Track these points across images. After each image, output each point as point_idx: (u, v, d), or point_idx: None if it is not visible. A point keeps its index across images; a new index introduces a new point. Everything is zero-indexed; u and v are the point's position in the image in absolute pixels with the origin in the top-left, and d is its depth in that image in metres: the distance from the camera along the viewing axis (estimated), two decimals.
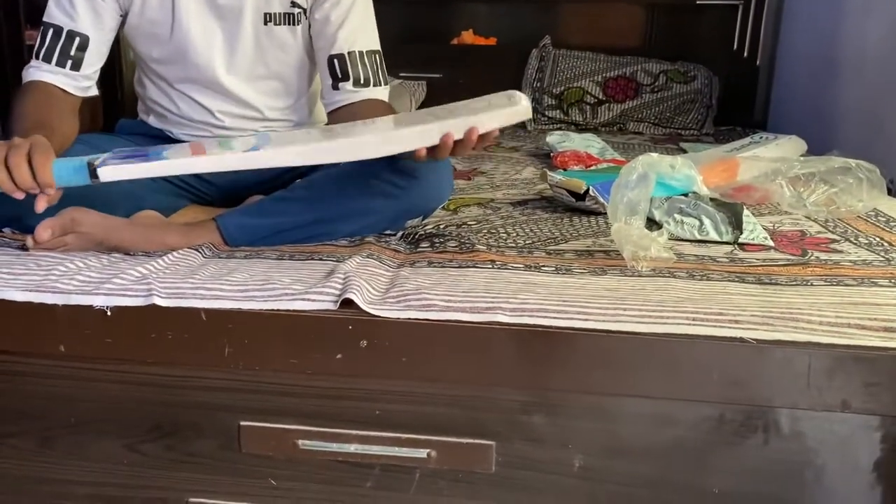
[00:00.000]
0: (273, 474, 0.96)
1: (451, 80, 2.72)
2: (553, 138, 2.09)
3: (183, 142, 1.35)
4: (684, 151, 2.10)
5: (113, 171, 1.02)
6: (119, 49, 2.60)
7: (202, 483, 0.97)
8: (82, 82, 1.28)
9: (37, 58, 1.26)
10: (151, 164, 1.03)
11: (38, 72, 1.26)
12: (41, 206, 1.03)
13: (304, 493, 0.96)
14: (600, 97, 2.60)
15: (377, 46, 1.34)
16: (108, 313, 0.91)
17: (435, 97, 2.63)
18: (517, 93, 1.13)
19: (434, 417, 0.92)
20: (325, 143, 1.09)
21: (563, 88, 2.62)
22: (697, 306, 0.89)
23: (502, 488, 0.93)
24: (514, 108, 1.09)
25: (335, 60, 1.31)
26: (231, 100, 1.34)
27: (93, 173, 1.02)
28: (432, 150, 1.06)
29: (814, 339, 0.84)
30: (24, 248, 1.08)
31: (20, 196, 1.02)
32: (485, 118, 1.07)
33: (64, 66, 1.26)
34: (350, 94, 1.31)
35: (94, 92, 1.32)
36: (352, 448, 0.94)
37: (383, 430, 0.93)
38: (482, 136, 1.06)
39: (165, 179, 1.33)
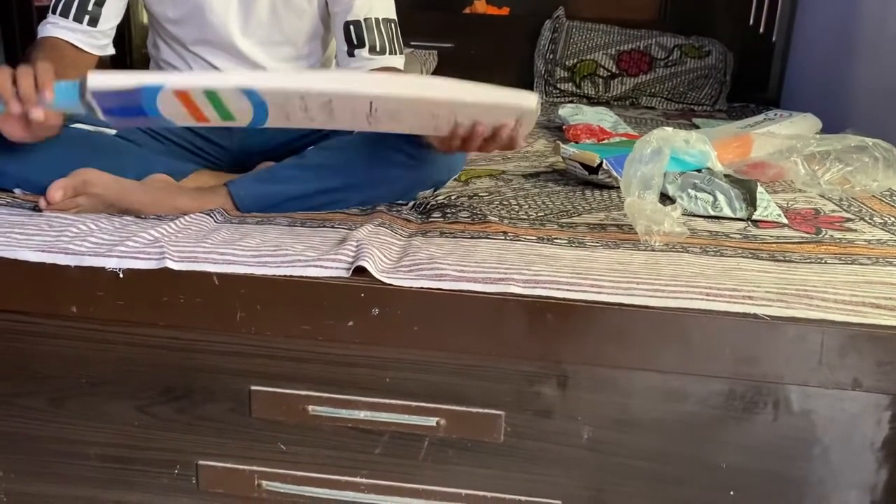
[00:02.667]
0: (282, 439, 0.97)
1: (463, 50, 2.70)
2: (565, 111, 2.07)
3: None
4: (697, 127, 2.08)
5: (102, 80, 0.96)
6: (129, 13, 2.58)
7: (212, 446, 0.98)
8: (100, 39, 1.27)
9: (53, 12, 1.25)
10: (141, 75, 0.97)
11: (55, 28, 1.24)
12: (37, 114, 0.98)
13: (313, 459, 0.97)
14: (613, 70, 2.57)
15: (393, 15, 1.33)
16: (121, 275, 0.91)
17: (446, 67, 2.61)
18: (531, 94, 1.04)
19: (444, 386, 0.93)
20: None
21: (575, 61, 2.60)
22: (711, 282, 0.89)
23: (510, 458, 0.94)
24: (524, 104, 1.00)
25: (351, 27, 1.29)
26: (244, 63, 1.33)
27: (82, 86, 0.97)
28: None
29: (828, 317, 0.84)
30: (35, 208, 1.08)
31: (16, 109, 0.98)
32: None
33: (81, 22, 1.24)
34: (366, 61, 1.29)
35: (111, 51, 1.30)
36: (361, 415, 0.94)
37: (393, 398, 0.93)
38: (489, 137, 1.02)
39: (177, 144, 1.33)
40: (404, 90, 0.99)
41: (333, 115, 1.00)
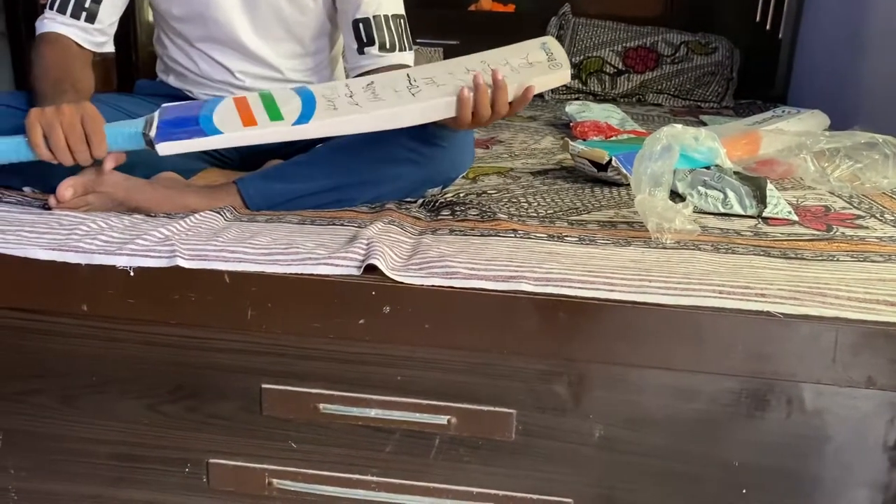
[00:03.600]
0: (293, 437, 0.97)
1: (469, 47, 2.67)
2: (572, 108, 2.07)
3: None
4: (704, 124, 2.08)
5: (170, 147, 1.05)
6: (133, 10, 2.58)
7: (222, 444, 0.98)
8: (97, 37, 1.27)
9: (51, 8, 1.24)
10: (207, 139, 1.05)
11: (53, 23, 1.24)
12: (108, 165, 1.07)
13: (324, 457, 0.97)
14: (620, 67, 2.56)
15: (402, 10, 1.32)
16: (131, 274, 0.91)
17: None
18: (555, 48, 1.13)
19: (455, 384, 0.92)
20: (367, 115, 1.06)
21: (582, 58, 2.59)
22: (723, 279, 0.89)
23: (522, 456, 0.94)
24: (557, 72, 1.10)
25: (360, 24, 1.29)
26: (251, 60, 1.33)
27: (148, 143, 1.05)
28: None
29: (841, 315, 0.83)
30: (45, 207, 1.07)
31: (71, 163, 1.04)
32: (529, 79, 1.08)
33: (78, 18, 1.24)
34: (376, 58, 1.29)
35: (110, 48, 1.30)
36: (372, 413, 0.94)
37: (404, 396, 0.93)
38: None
39: None
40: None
41: (376, 93, 1.08)
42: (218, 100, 1.10)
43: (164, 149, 1.04)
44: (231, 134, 1.05)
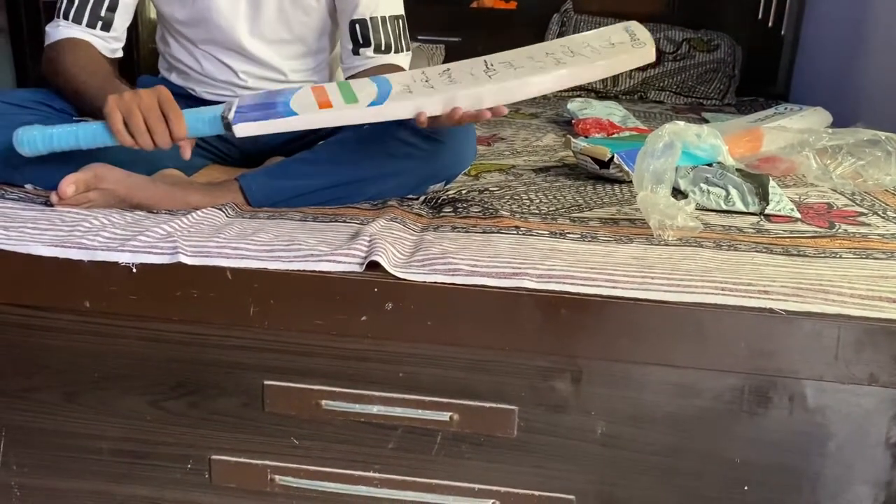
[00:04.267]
0: (295, 433, 0.97)
1: (470, 44, 2.68)
2: (574, 105, 2.07)
3: (203, 100, 1.34)
4: (706, 121, 2.07)
5: (247, 128, 1.06)
6: (136, 9, 2.58)
7: (224, 441, 0.98)
8: (112, 44, 1.28)
9: (65, 18, 1.24)
10: (283, 119, 1.06)
11: (70, 31, 1.24)
12: (187, 154, 1.07)
13: (326, 453, 0.97)
14: None
15: (400, 11, 1.32)
16: (134, 270, 0.91)
17: (453, 62, 2.60)
18: (638, 29, 1.14)
19: (457, 381, 0.92)
20: (444, 95, 1.06)
21: None
22: (726, 276, 0.88)
23: (524, 453, 0.94)
24: (640, 50, 1.10)
25: (357, 25, 1.29)
26: (254, 62, 1.33)
27: (226, 126, 1.06)
28: None
29: (844, 312, 0.83)
30: (48, 203, 1.07)
31: (151, 147, 1.05)
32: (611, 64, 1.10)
33: (94, 28, 1.24)
34: (369, 60, 1.29)
35: (120, 53, 1.30)
36: (374, 409, 0.94)
37: (406, 393, 0.93)
38: None
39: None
40: (542, 87, 1.09)
41: (452, 78, 1.09)
42: (297, 88, 1.11)
43: (242, 130, 1.05)
44: (306, 115, 1.06)
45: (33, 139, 1.06)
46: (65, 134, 1.07)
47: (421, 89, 1.08)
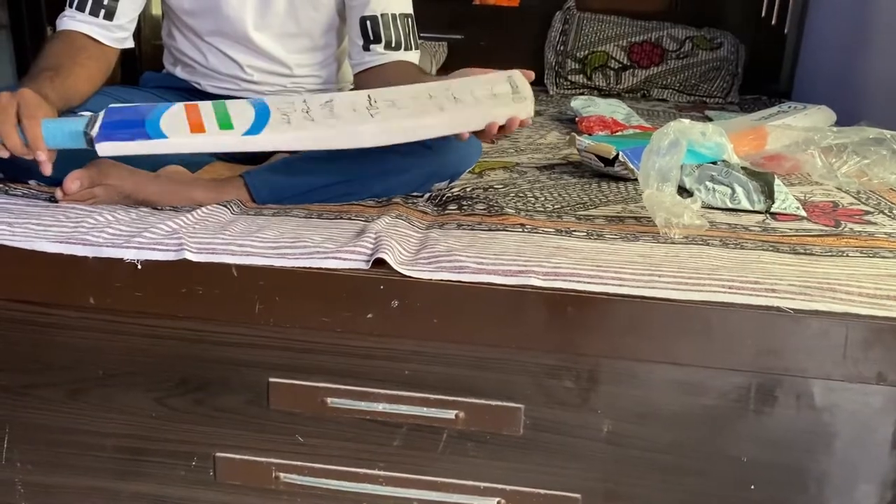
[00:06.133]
0: (300, 431, 0.96)
1: (473, 41, 2.70)
2: (577, 103, 2.07)
3: (209, 94, 1.33)
4: (710, 119, 2.07)
5: (112, 147, 1.00)
6: None
7: (229, 438, 0.98)
8: (116, 33, 1.26)
9: (70, 6, 1.24)
10: (150, 142, 1.00)
11: (72, 21, 1.24)
12: (47, 170, 1.01)
13: (331, 451, 0.97)
14: (625, 62, 2.56)
15: (410, 9, 1.32)
16: (139, 267, 0.90)
17: (456, 59, 2.60)
18: (521, 81, 1.09)
19: (463, 379, 0.92)
20: (322, 132, 1.03)
21: (586, 53, 2.59)
22: (733, 274, 0.88)
23: (530, 451, 0.93)
24: (519, 105, 1.07)
25: (367, 22, 1.29)
26: (260, 55, 1.33)
27: (89, 142, 1.00)
28: None
29: (852, 311, 0.83)
30: (52, 199, 1.07)
31: (6, 155, 1.00)
32: (487, 111, 1.06)
33: (97, 16, 1.24)
34: (380, 56, 1.29)
35: (130, 44, 1.29)
36: (380, 407, 0.94)
37: (412, 390, 0.93)
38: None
39: None
40: (399, 137, 1.06)
41: (333, 111, 1.05)
42: (168, 105, 1.06)
43: (104, 149, 1.00)
44: (176, 139, 1.01)
45: None
46: None
47: (300, 121, 1.04)
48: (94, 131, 1.00)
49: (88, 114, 1.04)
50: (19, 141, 0.99)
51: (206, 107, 1.06)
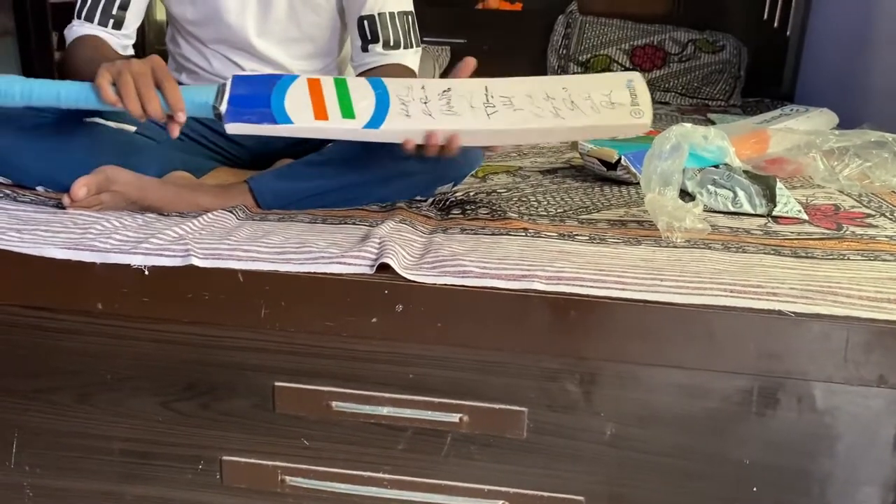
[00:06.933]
0: (306, 435, 0.97)
1: (476, 45, 2.69)
2: None
3: None
4: (712, 122, 2.08)
5: (240, 128, 1.04)
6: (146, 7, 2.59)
7: (235, 442, 0.99)
8: (123, 41, 1.30)
9: (78, 17, 1.27)
10: (277, 126, 1.04)
11: (83, 28, 1.26)
12: (175, 132, 1.03)
13: (336, 454, 0.97)
14: (627, 66, 2.57)
15: (409, 7, 1.32)
16: (146, 272, 0.91)
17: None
18: (640, 88, 1.08)
19: (467, 382, 0.93)
20: (453, 127, 1.03)
21: (589, 56, 2.59)
22: (735, 278, 0.89)
23: (533, 454, 0.94)
24: (637, 121, 1.05)
25: (365, 22, 1.30)
26: (263, 61, 1.34)
27: (217, 117, 1.04)
28: None
29: (853, 314, 0.84)
30: (60, 206, 1.08)
31: (144, 119, 1.03)
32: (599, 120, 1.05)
33: (106, 26, 1.27)
34: (379, 56, 1.30)
35: (132, 51, 1.32)
36: (384, 411, 0.94)
37: (416, 394, 0.94)
38: None
39: (196, 141, 1.34)
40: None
41: (451, 104, 1.05)
42: (290, 78, 1.07)
43: (234, 129, 1.04)
44: (301, 125, 1.04)
45: (10, 89, 1.02)
46: (46, 88, 1.03)
47: (419, 115, 1.05)
48: (223, 107, 1.03)
49: (214, 84, 1.07)
50: (160, 104, 1.01)
51: (328, 86, 1.07)
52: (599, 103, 1.06)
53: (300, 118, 1.04)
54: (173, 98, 1.01)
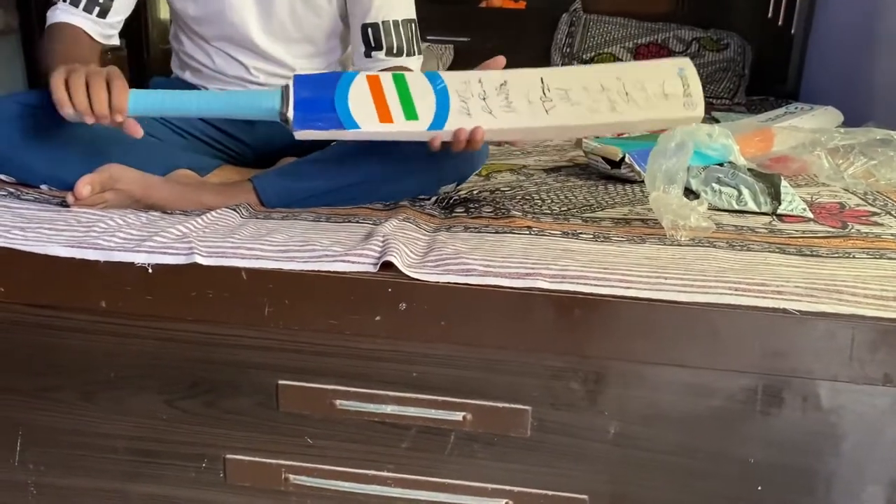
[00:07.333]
0: (309, 433, 0.97)
1: (479, 44, 2.70)
2: None
3: None
4: (717, 121, 2.07)
5: (309, 134, 1.05)
6: (145, 8, 2.60)
7: (239, 440, 0.99)
8: (106, 30, 1.29)
9: (64, 0, 1.26)
10: (345, 132, 1.04)
11: (65, 14, 1.25)
12: (136, 130, 1.05)
13: (340, 453, 0.97)
14: None
15: (412, 14, 1.33)
16: (150, 270, 0.91)
17: (462, 61, 2.60)
18: (692, 77, 1.08)
19: (471, 381, 0.93)
20: (499, 127, 1.03)
21: (593, 54, 2.59)
22: (740, 276, 0.89)
23: (537, 453, 0.94)
24: (688, 114, 1.06)
25: (369, 29, 1.30)
26: (265, 59, 1.34)
27: (284, 121, 1.04)
28: None
29: (858, 312, 0.83)
30: (63, 204, 1.08)
31: (91, 121, 1.03)
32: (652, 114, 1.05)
33: (91, 13, 1.26)
34: (381, 62, 1.30)
35: (116, 41, 1.32)
36: (388, 409, 0.94)
37: (420, 392, 0.94)
38: None
39: (200, 139, 1.34)
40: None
41: (509, 99, 1.05)
42: (350, 77, 1.07)
43: (302, 135, 1.04)
44: (368, 129, 1.04)
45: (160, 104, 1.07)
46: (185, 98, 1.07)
47: (479, 114, 1.04)
48: (290, 113, 1.03)
49: (277, 86, 1.07)
50: (106, 102, 1.01)
51: (388, 83, 1.06)
52: (653, 94, 1.06)
53: (366, 122, 1.04)
54: (117, 99, 1.02)
